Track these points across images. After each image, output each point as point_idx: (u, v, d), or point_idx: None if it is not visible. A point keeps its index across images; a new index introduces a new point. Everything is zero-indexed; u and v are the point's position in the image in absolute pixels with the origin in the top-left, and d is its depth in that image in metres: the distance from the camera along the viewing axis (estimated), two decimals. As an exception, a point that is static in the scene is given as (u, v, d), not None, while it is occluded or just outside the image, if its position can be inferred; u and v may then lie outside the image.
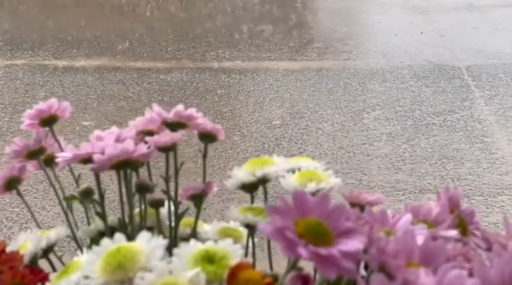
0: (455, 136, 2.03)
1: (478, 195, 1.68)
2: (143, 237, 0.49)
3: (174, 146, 0.64)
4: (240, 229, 0.66)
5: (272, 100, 2.33)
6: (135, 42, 3.05)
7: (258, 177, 0.62)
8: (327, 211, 0.39)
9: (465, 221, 0.49)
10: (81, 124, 2.11)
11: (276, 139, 2.01)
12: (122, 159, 0.60)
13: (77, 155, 0.61)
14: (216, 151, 1.86)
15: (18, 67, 2.69)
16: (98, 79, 2.55)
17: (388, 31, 3.22)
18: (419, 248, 0.41)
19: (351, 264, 0.37)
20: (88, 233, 0.65)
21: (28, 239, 0.62)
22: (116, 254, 0.48)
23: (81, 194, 0.65)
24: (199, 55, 2.86)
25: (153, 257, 0.47)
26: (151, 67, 2.71)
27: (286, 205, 0.38)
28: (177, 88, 2.47)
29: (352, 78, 2.55)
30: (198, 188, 0.67)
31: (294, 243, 0.36)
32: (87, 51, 2.91)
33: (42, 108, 0.67)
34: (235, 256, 0.47)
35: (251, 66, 2.72)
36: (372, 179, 1.76)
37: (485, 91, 2.40)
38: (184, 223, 0.67)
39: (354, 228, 0.38)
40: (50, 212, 1.54)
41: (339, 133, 2.06)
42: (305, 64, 2.75)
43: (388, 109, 2.24)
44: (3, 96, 2.39)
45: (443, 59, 2.76)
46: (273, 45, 3.00)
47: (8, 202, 1.60)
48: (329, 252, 0.36)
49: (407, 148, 1.95)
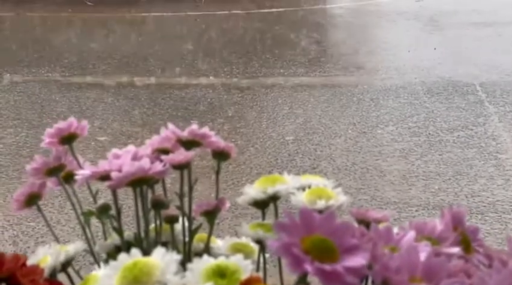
0: (469, 152, 2.03)
1: (492, 212, 1.69)
2: (158, 253, 0.51)
3: (188, 164, 0.66)
4: (252, 244, 0.68)
5: (285, 116, 2.35)
6: (150, 58, 3.09)
7: (269, 194, 0.64)
8: (332, 228, 0.41)
9: (468, 238, 0.50)
10: (96, 139, 2.14)
11: (289, 155, 2.03)
12: (138, 176, 0.62)
13: (95, 173, 0.64)
14: (229, 167, 1.88)
15: (35, 83, 2.74)
16: (113, 95, 2.59)
17: (402, 47, 3.23)
18: (422, 264, 0.43)
19: (355, 280, 0.38)
20: (105, 248, 0.67)
21: (47, 253, 0.64)
22: (133, 268, 0.50)
23: (99, 210, 0.68)
24: (213, 72, 2.89)
25: (168, 272, 0.49)
26: (165, 83, 2.75)
27: (293, 222, 0.40)
28: (191, 104, 2.50)
29: (365, 94, 2.56)
30: (211, 205, 0.68)
31: (300, 259, 0.38)
32: (103, 67, 2.95)
33: (61, 126, 0.70)
34: (246, 271, 0.49)
35: (265, 82, 2.74)
36: (385, 195, 1.77)
37: (499, 107, 2.40)
38: (198, 239, 0.69)
39: (359, 245, 0.40)
40: (65, 227, 1.56)
41: (352, 148, 2.07)
42: (318, 80, 2.77)
43: (402, 125, 2.25)
44: (20, 111, 2.43)
45: (457, 75, 2.77)
46: (286, 61, 3.02)
47: (24, 216, 1.63)
48: (333, 268, 0.38)
49: (421, 164, 1.95)
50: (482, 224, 1.61)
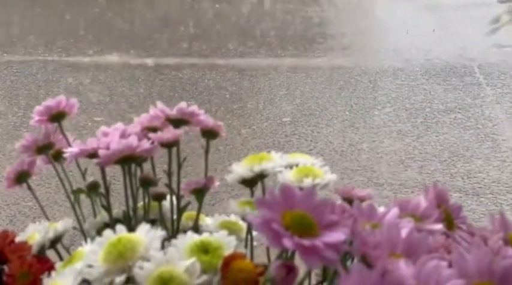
0: (466, 134, 2.03)
1: (487, 193, 1.69)
2: (143, 229, 0.51)
3: (176, 142, 0.66)
4: (241, 222, 0.68)
5: (282, 98, 2.34)
6: (147, 39, 3.08)
7: (256, 172, 0.64)
8: (313, 204, 0.41)
9: (452, 215, 0.50)
10: (93, 119, 2.14)
11: (286, 136, 2.03)
12: (125, 154, 0.62)
13: (83, 150, 0.64)
14: (226, 148, 1.89)
15: (32, 63, 2.73)
16: (110, 76, 2.59)
17: (400, 28, 3.22)
18: (403, 241, 0.43)
19: (334, 255, 0.39)
20: (94, 225, 0.67)
21: (36, 230, 0.64)
22: (117, 244, 0.50)
23: (88, 187, 0.68)
24: (211, 53, 2.88)
25: (151, 248, 0.49)
26: (162, 64, 2.74)
27: (273, 198, 0.41)
28: (188, 85, 2.49)
29: (362, 76, 2.56)
30: (199, 183, 0.69)
31: (280, 234, 0.39)
32: (100, 47, 2.95)
33: (50, 104, 0.70)
34: (230, 247, 0.49)
35: (262, 63, 2.74)
36: (381, 176, 1.77)
37: (496, 89, 2.40)
38: (186, 217, 0.70)
39: (338, 220, 0.41)
40: (62, 207, 1.57)
41: (349, 130, 2.07)
42: (316, 61, 2.77)
43: (399, 107, 2.25)
44: (17, 91, 2.43)
45: (455, 57, 2.76)
46: (283, 42, 3.01)
47: (21, 196, 1.63)
48: (312, 243, 0.39)
49: (417, 145, 1.96)
50: (477, 205, 1.62)
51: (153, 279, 0.47)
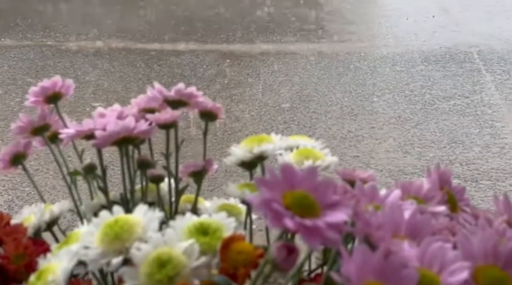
0: (465, 120, 2.02)
1: (486, 179, 1.68)
2: (140, 210, 0.50)
3: (174, 124, 0.65)
4: (240, 205, 0.67)
5: (281, 83, 2.33)
6: (146, 24, 3.06)
7: (255, 154, 0.63)
8: (314, 184, 0.40)
9: (455, 197, 0.49)
10: (92, 105, 2.12)
11: (285, 122, 2.02)
12: (122, 136, 0.61)
13: (80, 132, 0.63)
14: (225, 134, 1.88)
15: (29, 48, 2.71)
16: (108, 61, 2.57)
17: (400, 14, 3.20)
18: (406, 222, 0.42)
19: (335, 235, 0.38)
20: (91, 208, 0.66)
21: (32, 213, 0.64)
22: (114, 225, 0.49)
23: (84, 169, 0.67)
24: (210, 38, 2.86)
25: (149, 229, 0.48)
26: (161, 49, 2.72)
27: (274, 178, 0.40)
28: (187, 70, 2.48)
29: (362, 62, 2.54)
30: (198, 166, 0.68)
31: (281, 214, 0.38)
32: (98, 33, 2.92)
33: (46, 85, 0.69)
34: (229, 229, 0.48)
35: (261, 49, 2.72)
36: (380, 162, 1.77)
37: (496, 75, 2.39)
38: (185, 200, 0.69)
39: (340, 201, 0.40)
40: (60, 192, 1.56)
41: (348, 116, 2.06)
42: (315, 47, 2.75)
43: (398, 93, 2.24)
44: (15, 76, 2.41)
45: (454, 43, 2.75)
46: (282, 28, 2.99)
47: (19, 181, 1.62)
48: (314, 223, 0.38)
49: (416, 132, 1.95)
50: (476, 192, 1.61)
51: (151, 260, 0.46)
